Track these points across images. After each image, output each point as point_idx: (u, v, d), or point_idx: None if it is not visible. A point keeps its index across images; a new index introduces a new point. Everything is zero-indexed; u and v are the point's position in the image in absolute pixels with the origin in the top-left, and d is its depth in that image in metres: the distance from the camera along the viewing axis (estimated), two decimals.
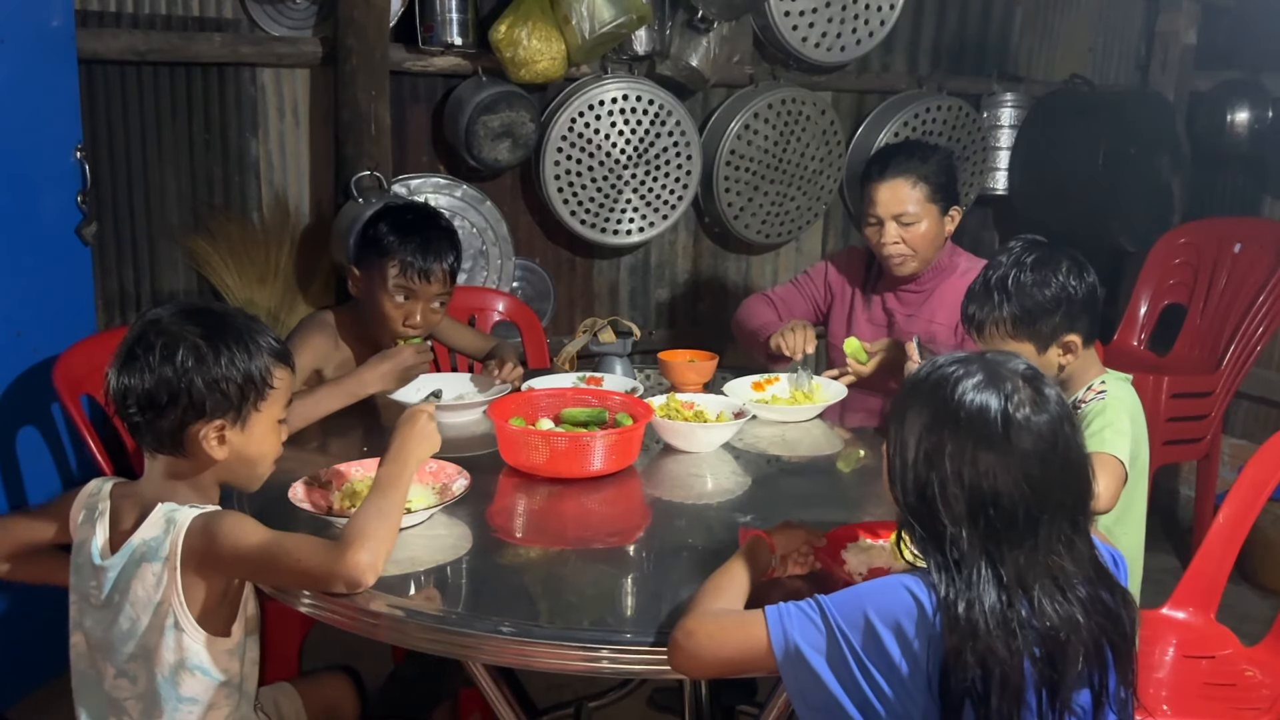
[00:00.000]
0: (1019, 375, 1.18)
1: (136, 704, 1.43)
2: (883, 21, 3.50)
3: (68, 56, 2.49)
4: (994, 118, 3.89)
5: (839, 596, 1.19)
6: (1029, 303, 1.83)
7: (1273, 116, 3.71)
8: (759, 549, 1.39)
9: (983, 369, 1.19)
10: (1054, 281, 1.83)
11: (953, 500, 1.15)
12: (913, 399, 1.22)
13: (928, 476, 1.17)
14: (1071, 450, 1.17)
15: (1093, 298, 1.87)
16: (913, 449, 1.19)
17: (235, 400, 1.42)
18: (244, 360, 1.42)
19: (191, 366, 1.38)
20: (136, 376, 1.39)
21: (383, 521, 1.40)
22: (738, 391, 2.25)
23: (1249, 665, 1.97)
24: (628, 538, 1.67)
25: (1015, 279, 1.84)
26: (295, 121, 3.09)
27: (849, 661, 1.15)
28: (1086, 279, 1.85)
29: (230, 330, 1.43)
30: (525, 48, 2.94)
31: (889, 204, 2.39)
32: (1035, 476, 1.14)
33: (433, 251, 2.16)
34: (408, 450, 1.49)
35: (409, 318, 2.18)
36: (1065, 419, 1.18)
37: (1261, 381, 3.76)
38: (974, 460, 1.14)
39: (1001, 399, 1.16)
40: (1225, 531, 2.05)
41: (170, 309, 1.44)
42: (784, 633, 1.18)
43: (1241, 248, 3.47)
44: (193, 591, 1.38)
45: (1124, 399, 1.86)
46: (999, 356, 1.22)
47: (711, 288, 3.80)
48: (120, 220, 2.95)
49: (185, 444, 1.42)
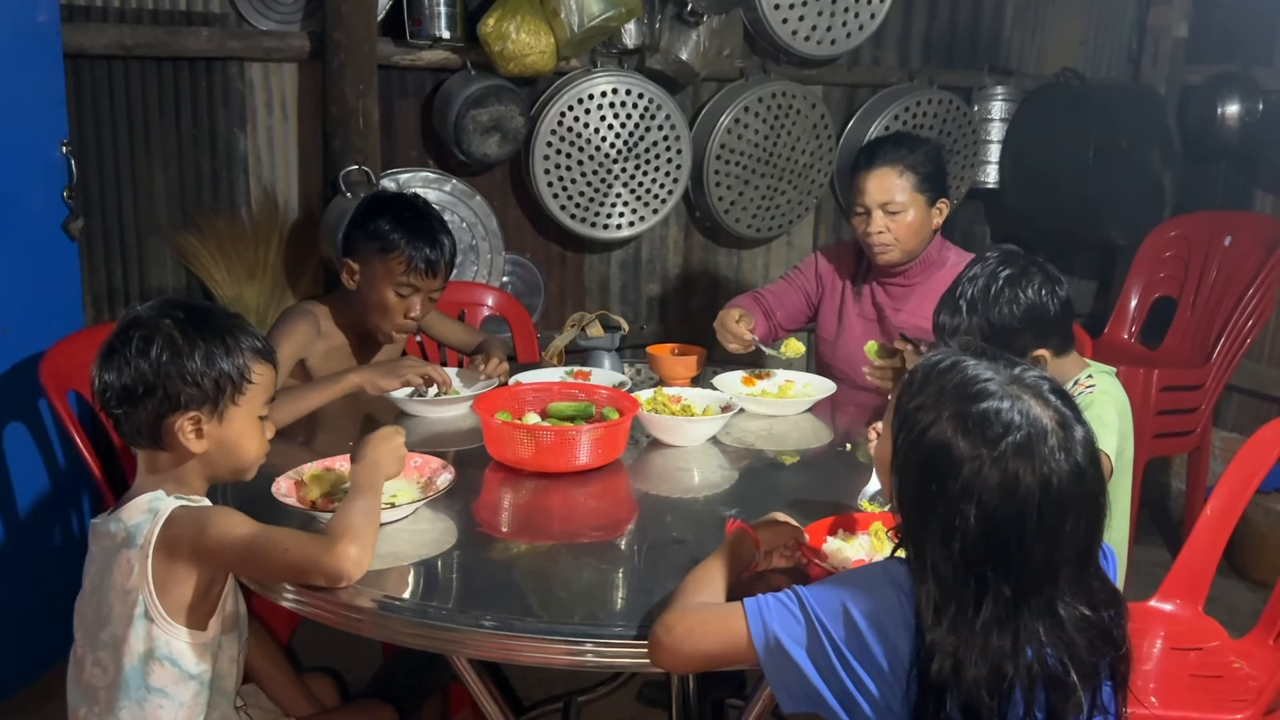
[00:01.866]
0: (1049, 397, 1.12)
1: (107, 694, 1.43)
2: (873, 15, 3.50)
3: (53, 51, 2.48)
4: (985, 111, 3.89)
5: (818, 588, 1.19)
6: (999, 319, 1.81)
7: (1263, 110, 3.72)
8: (743, 543, 1.39)
9: (1014, 384, 1.12)
10: (1023, 299, 1.81)
11: (950, 504, 1.09)
12: (931, 391, 1.15)
13: (929, 475, 1.12)
14: (1089, 486, 1.10)
15: (1065, 313, 1.85)
16: (918, 440, 1.13)
17: (211, 393, 1.42)
18: (221, 355, 1.43)
19: (166, 359, 1.39)
20: (115, 371, 1.41)
21: (368, 520, 1.42)
22: (727, 385, 2.24)
23: (1236, 657, 1.97)
24: (614, 532, 1.67)
25: (986, 294, 1.82)
26: (283, 116, 3.08)
27: (829, 652, 1.14)
28: (1059, 294, 1.84)
29: (210, 325, 1.44)
30: (514, 41, 2.93)
31: (875, 192, 2.39)
32: (1047, 508, 1.08)
33: (438, 248, 2.19)
34: (382, 465, 1.54)
35: (410, 311, 2.19)
36: (1091, 457, 1.11)
37: (1251, 374, 3.77)
38: (982, 473, 1.08)
39: (1024, 418, 1.09)
40: (1213, 524, 2.06)
41: (153, 304, 1.45)
42: (763, 624, 1.17)
43: (1232, 241, 3.48)
44: (169, 582, 1.38)
45: (1111, 392, 1.86)
46: (1028, 372, 1.14)
47: (702, 282, 3.79)
48: (108, 216, 2.94)
49: (163, 436, 1.42)
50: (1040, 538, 1.08)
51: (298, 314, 2.22)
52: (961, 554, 1.09)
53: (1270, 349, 3.81)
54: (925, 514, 1.12)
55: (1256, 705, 1.75)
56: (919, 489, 1.14)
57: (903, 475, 1.17)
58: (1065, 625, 1.09)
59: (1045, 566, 1.09)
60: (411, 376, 2.09)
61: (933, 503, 1.11)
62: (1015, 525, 1.08)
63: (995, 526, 1.08)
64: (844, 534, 1.51)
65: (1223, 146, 3.81)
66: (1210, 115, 3.78)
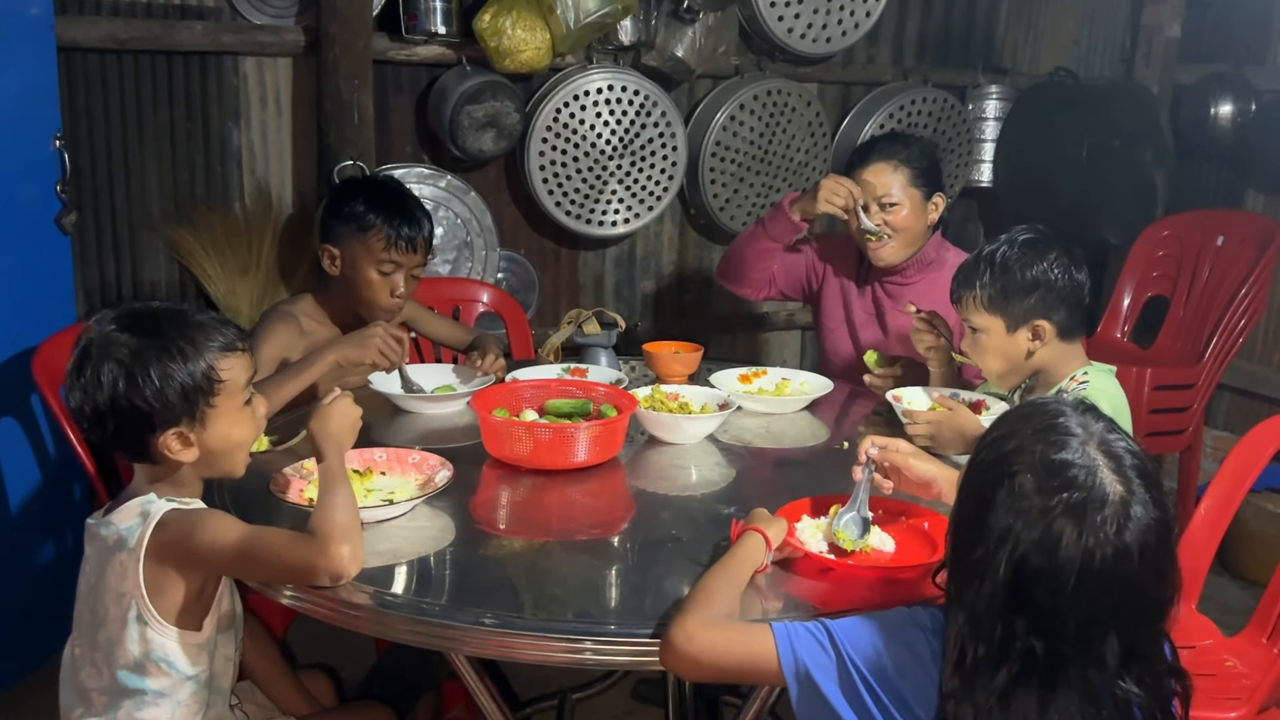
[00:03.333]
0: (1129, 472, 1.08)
1: (101, 695, 1.42)
2: (868, 13, 3.50)
3: (46, 44, 2.46)
4: (979, 110, 3.90)
5: (847, 624, 1.18)
6: (1007, 279, 1.86)
7: (1256, 110, 3.73)
8: (754, 547, 1.39)
9: (1098, 446, 1.09)
10: (1037, 265, 1.85)
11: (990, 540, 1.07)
12: (1017, 423, 1.14)
13: (981, 505, 1.09)
14: (1135, 574, 1.05)
15: (1075, 291, 1.88)
16: (983, 465, 1.12)
17: (181, 406, 1.38)
18: (180, 367, 1.37)
19: (124, 388, 1.36)
20: (78, 396, 1.38)
21: (349, 513, 1.40)
22: (724, 383, 2.24)
23: (1229, 655, 1.98)
24: (612, 529, 1.67)
25: (1001, 255, 1.87)
26: (278, 111, 3.07)
27: (860, 690, 1.14)
28: (1074, 273, 1.87)
29: (165, 337, 1.38)
30: (510, 37, 2.93)
31: (871, 188, 2.41)
32: (1088, 579, 1.04)
33: (415, 222, 2.20)
34: (336, 439, 1.49)
35: (395, 289, 2.20)
36: (1150, 547, 1.06)
37: (1243, 374, 3.78)
38: (1027, 521, 1.05)
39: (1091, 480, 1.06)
40: (1206, 523, 2.06)
41: (107, 320, 1.40)
42: (794, 654, 1.17)
43: (1224, 240, 3.48)
44: (161, 585, 1.38)
45: (1106, 390, 1.86)
46: (1119, 442, 1.10)
47: (697, 279, 3.79)
48: (101, 210, 2.93)
49: (151, 453, 1.41)
50: (1076, 607, 1.05)
51: (277, 316, 2.22)
52: (991, 594, 1.07)
53: (1262, 348, 3.82)
54: (969, 543, 1.11)
55: (1250, 704, 1.76)
56: (969, 515, 1.12)
57: (961, 497, 1.16)
58: (1101, 704, 1.06)
59: (1081, 638, 1.06)
60: (381, 346, 2.07)
61: (977, 533, 1.10)
62: (1050, 584, 1.05)
63: (1030, 579, 1.05)
64: (807, 519, 1.55)
65: (1215, 146, 3.83)
66: (1203, 115, 3.79)
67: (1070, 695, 1.05)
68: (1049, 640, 1.05)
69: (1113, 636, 1.06)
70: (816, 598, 1.39)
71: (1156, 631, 1.10)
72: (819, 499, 1.60)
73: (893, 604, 1.24)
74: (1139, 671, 1.07)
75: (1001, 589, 1.06)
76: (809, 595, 1.40)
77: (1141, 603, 1.07)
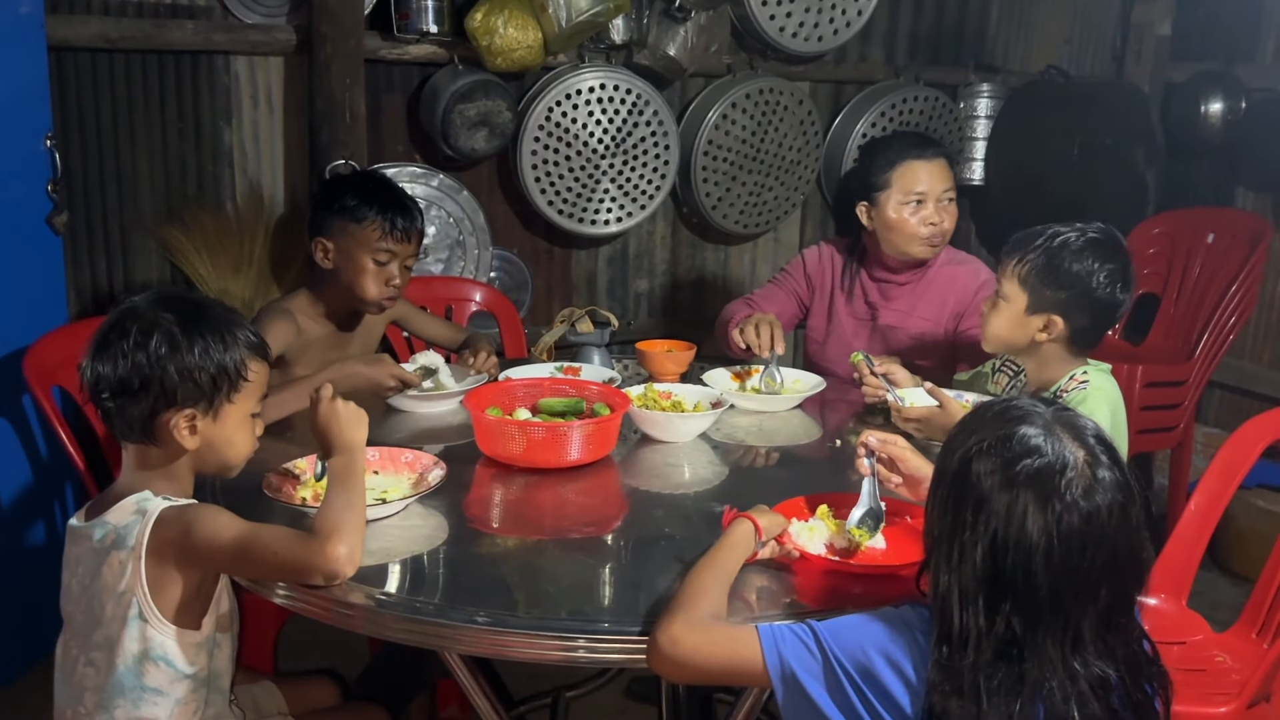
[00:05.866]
0: (1089, 440, 1.11)
1: (94, 695, 1.42)
2: (860, 12, 3.50)
3: (36, 44, 2.46)
4: (970, 108, 3.91)
5: (833, 625, 1.18)
6: (1051, 264, 1.84)
7: (1246, 107, 3.74)
8: (743, 532, 1.39)
9: (1056, 421, 1.12)
10: (1086, 266, 1.83)
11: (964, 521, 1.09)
12: (979, 418, 1.17)
13: (951, 492, 1.12)
14: (1110, 536, 1.07)
15: (1108, 309, 1.86)
16: (948, 455, 1.15)
17: (207, 390, 1.41)
18: (219, 351, 1.41)
19: (165, 354, 1.38)
20: (110, 363, 1.38)
21: (352, 513, 1.40)
22: (717, 381, 2.25)
23: (1219, 651, 1.99)
24: (605, 528, 1.67)
25: (1061, 240, 1.85)
26: (269, 110, 3.07)
27: (847, 690, 1.14)
28: (1118, 291, 1.84)
29: (207, 320, 1.42)
30: (502, 36, 2.92)
31: (934, 180, 2.38)
32: (1058, 545, 1.06)
33: (408, 211, 2.21)
34: (346, 436, 1.48)
35: (390, 279, 2.20)
36: (1118, 509, 1.08)
37: (1234, 370, 3.80)
38: (996, 492, 1.08)
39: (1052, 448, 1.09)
40: (1197, 519, 2.07)
41: (149, 296, 1.43)
42: (779, 656, 1.17)
43: (1215, 238, 3.50)
44: (161, 583, 1.38)
45: (1105, 389, 1.87)
46: (1078, 419, 1.14)
47: (689, 278, 3.80)
48: (92, 210, 2.92)
49: (156, 432, 1.41)
50: (1049, 574, 1.06)
51: (275, 313, 2.21)
52: (969, 580, 1.08)
53: (1252, 345, 3.84)
54: (944, 529, 1.13)
55: (1239, 699, 1.76)
56: (942, 505, 1.14)
57: (932, 498, 1.17)
58: (1080, 680, 1.07)
59: (1056, 608, 1.07)
60: (395, 371, 2.08)
61: (950, 526, 1.11)
62: (1023, 556, 1.07)
63: (1003, 553, 1.07)
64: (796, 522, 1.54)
65: (1206, 144, 3.83)
66: (1193, 112, 3.80)
67: (1049, 671, 1.06)
68: (1027, 617, 1.07)
69: (1090, 608, 1.07)
70: (809, 597, 1.40)
71: (1131, 600, 1.12)
72: (812, 497, 1.60)
73: (886, 603, 1.25)
74: (1114, 644, 1.09)
75: (979, 571, 1.08)
76: (802, 594, 1.40)
77: (1115, 566, 1.08)
